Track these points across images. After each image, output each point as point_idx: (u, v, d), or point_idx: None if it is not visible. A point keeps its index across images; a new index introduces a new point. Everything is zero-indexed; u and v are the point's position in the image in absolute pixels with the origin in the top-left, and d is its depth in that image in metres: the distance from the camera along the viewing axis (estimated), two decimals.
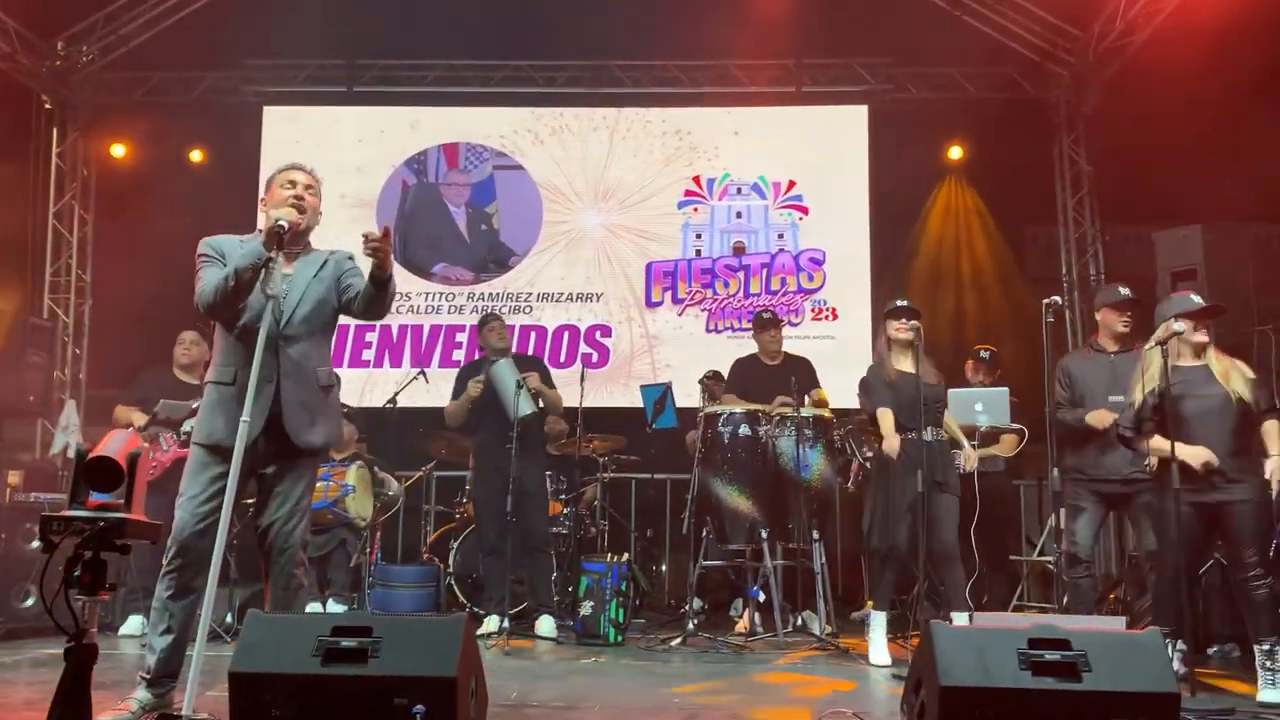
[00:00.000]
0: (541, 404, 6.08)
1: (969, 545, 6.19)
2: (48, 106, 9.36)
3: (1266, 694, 4.21)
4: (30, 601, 5.80)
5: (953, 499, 5.25)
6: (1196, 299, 4.66)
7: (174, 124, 9.61)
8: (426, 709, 2.82)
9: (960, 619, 5.03)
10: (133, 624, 5.78)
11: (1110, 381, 5.02)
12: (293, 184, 3.66)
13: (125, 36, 9.20)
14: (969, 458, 5.43)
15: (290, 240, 3.54)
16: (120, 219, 9.24)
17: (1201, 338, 4.54)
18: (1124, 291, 5.15)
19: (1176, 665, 4.30)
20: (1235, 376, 4.45)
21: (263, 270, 3.42)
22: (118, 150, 9.68)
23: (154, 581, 3.54)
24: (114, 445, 2.36)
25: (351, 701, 2.88)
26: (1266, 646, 4.28)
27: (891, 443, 5.17)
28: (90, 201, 9.63)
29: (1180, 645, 4.30)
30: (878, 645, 5.20)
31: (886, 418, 5.24)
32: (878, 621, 5.26)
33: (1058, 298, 4.96)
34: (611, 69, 9.50)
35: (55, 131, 9.41)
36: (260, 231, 3.56)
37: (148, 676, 3.40)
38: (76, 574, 2.26)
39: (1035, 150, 9.42)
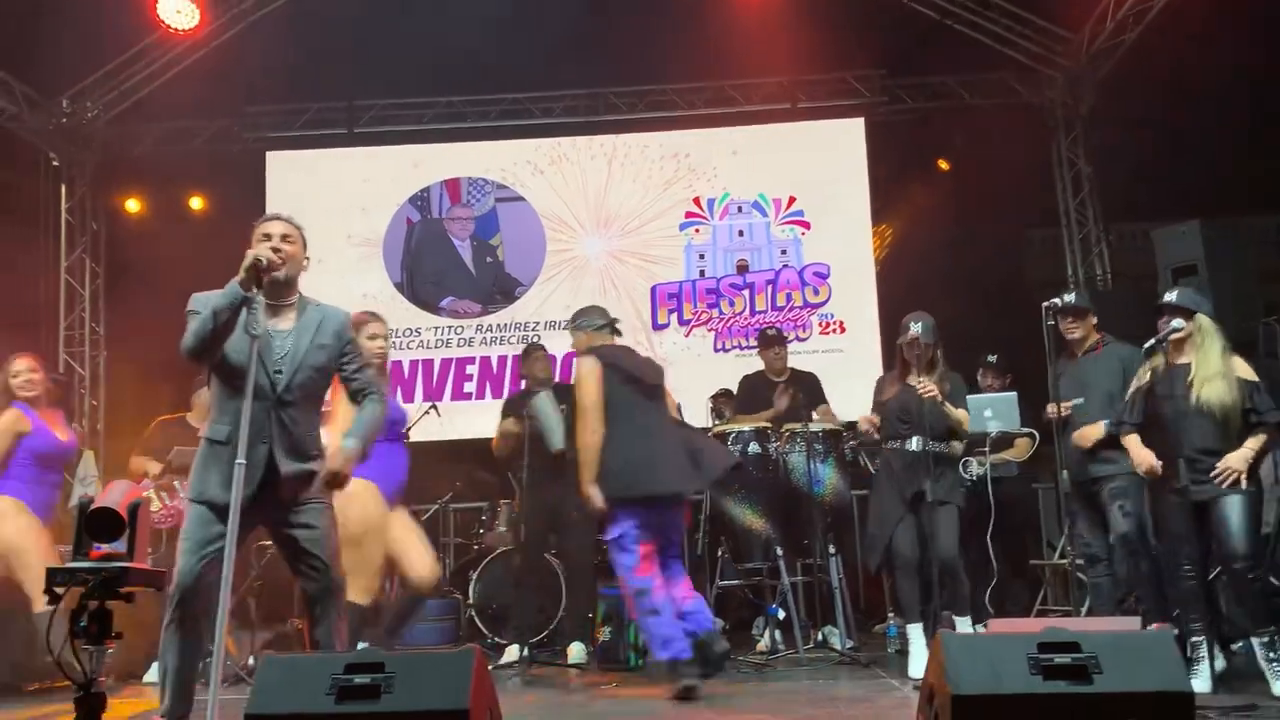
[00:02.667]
0: None
1: (986, 552, 6.19)
2: (55, 163, 9.50)
3: None
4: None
5: (948, 509, 5.15)
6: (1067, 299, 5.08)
7: (179, 174, 9.76)
8: None
9: (963, 626, 5.00)
10: (154, 673, 5.81)
11: (1075, 385, 5.11)
12: (268, 236, 3.61)
13: (127, 91, 9.35)
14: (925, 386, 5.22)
15: (273, 290, 3.54)
16: (130, 270, 9.36)
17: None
18: (1065, 299, 5.17)
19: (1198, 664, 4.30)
20: (1216, 382, 4.43)
21: (242, 310, 3.41)
22: (131, 205, 9.84)
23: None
24: (114, 496, 2.40)
25: None
26: (1266, 639, 4.26)
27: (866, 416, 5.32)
28: (100, 254, 9.75)
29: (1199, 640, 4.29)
30: (915, 658, 5.02)
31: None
32: (914, 634, 5.14)
33: (1058, 300, 4.95)
34: (607, 96, 9.58)
35: (64, 188, 9.55)
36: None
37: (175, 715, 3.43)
38: (83, 624, 2.30)
39: (1033, 154, 9.44)
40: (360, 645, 4.50)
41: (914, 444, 5.18)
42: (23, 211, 9.41)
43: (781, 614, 6.01)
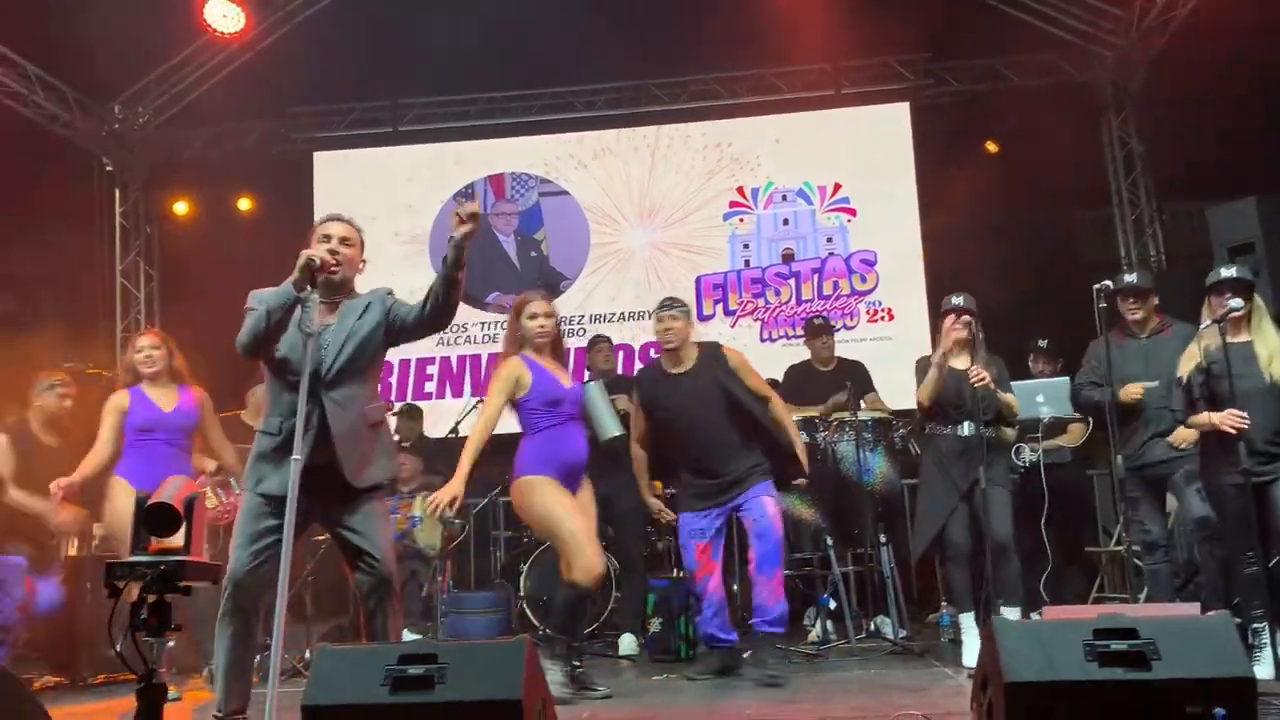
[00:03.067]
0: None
1: (1040, 540, 6.11)
2: (109, 168, 9.69)
3: None
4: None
5: (1000, 491, 5.08)
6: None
7: (229, 176, 9.90)
8: None
9: (1012, 614, 4.92)
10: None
11: (1142, 366, 4.98)
12: (328, 237, 3.68)
13: (177, 95, 9.52)
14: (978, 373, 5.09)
15: (328, 290, 3.60)
16: (183, 272, 9.52)
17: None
18: (1127, 279, 5.13)
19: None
20: None
21: (296, 308, 3.48)
22: (179, 207, 10.01)
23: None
24: (171, 490, 2.45)
25: None
26: None
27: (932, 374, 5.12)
28: (154, 256, 9.94)
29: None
30: (969, 647, 4.97)
31: (930, 381, 5.14)
32: (966, 623, 5.10)
33: (1109, 282, 4.86)
34: (649, 88, 9.57)
35: (117, 192, 9.74)
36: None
37: (219, 715, 3.49)
38: (143, 617, 2.35)
39: (1083, 134, 9.27)
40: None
41: (965, 429, 5.11)
42: (78, 216, 9.60)
43: (833, 604, 5.98)
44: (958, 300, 5.17)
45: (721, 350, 5.18)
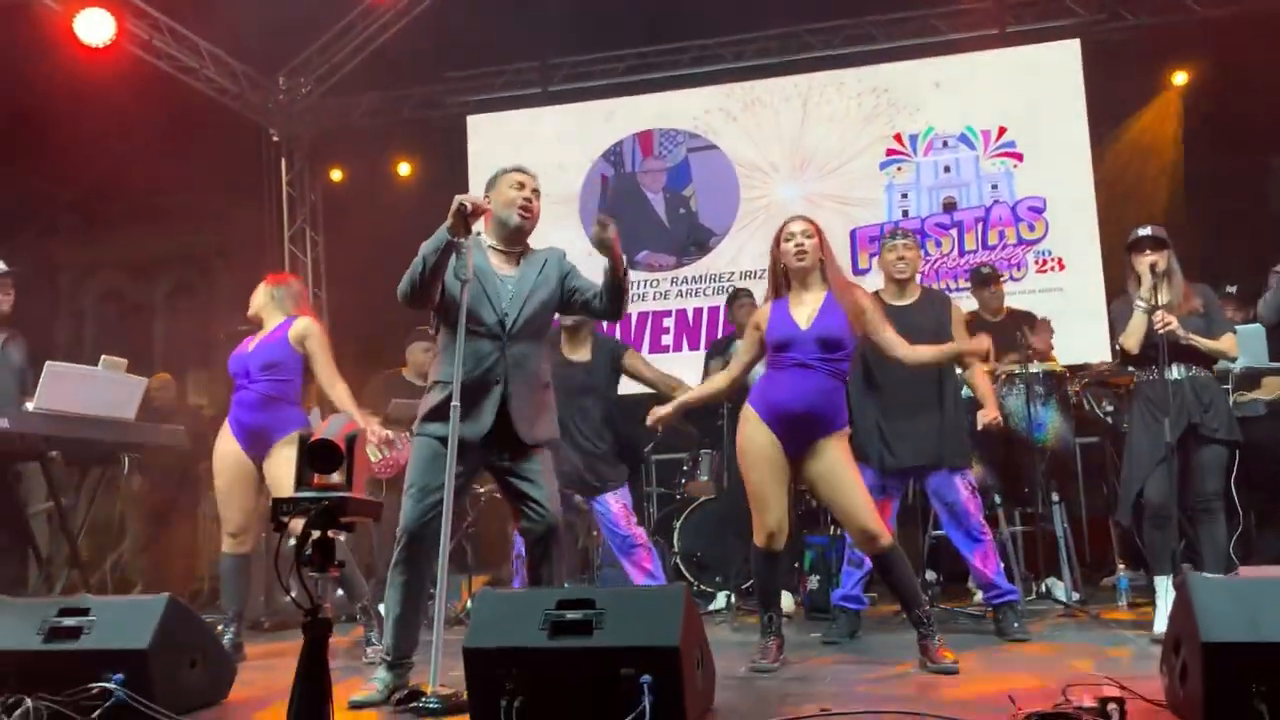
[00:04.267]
0: None
1: (1231, 499, 5.68)
2: (275, 139, 10.06)
3: None
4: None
5: (1215, 447, 4.65)
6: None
7: (388, 142, 10.16)
8: (653, 679, 2.81)
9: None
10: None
11: None
12: (521, 185, 3.75)
13: (337, 65, 9.78)
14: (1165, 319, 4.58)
15: (512, 239, 3.70)
16: (347, 238, 9.84)
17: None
18: None
19: None
20: None
21: (454, 254, 3.48)
22: (342, 174, 10.33)
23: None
24: (333, 428, 2.48)
25: (579, 672, 2.92)
26: None
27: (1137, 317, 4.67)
28: (319, 224, 10.30)
29: None
30: (1162, 613, 4.52)
31: (1135, 324, 4.70)
32: (1161, 587, 4.63)
33: None
34: (801, 34, 9.27)
35: (284, 161, 10.11)
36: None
37: (388, 659, 3.58)
38: (307, 553, 2.39)
39: (1277, 69, 8.52)
40: None
41: (1174, 372, 4.66)
42: (247, 188, 10.02)
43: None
44: (1145, 231, 4.77)
45: (948, 298, 5.03)
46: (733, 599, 5.88)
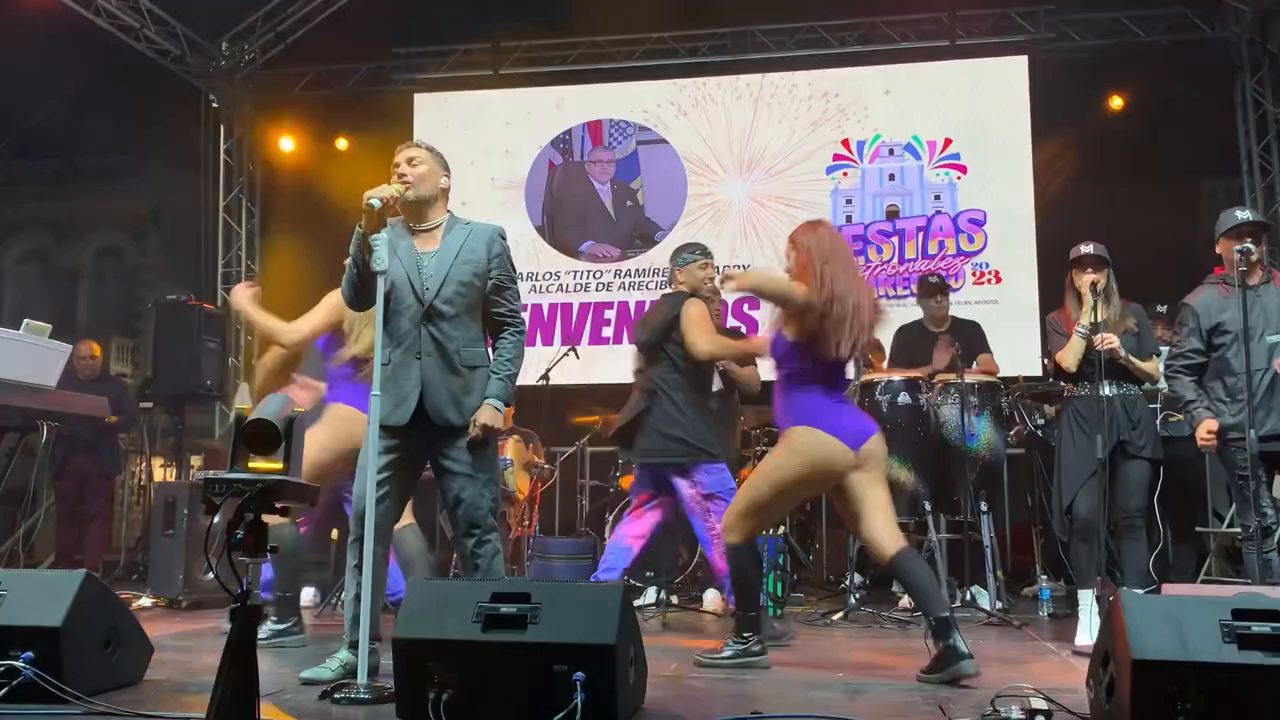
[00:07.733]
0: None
1: (1153, 515, 5.81)
2: (214, 105, 9.79)
3: None
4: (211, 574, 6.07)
5: (1139, 465, 4.71)
6: (1243, 214, 4.42)
7: (331, 116, 9.95)
8: (587, 676, 2.77)
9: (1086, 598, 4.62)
10: (306, 595, 5.98)
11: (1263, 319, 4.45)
12: (395, 165, 3.68)
13: (283, 33, 9.56)
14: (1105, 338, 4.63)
15: (415, 213, 3.64)
16: (283, 210, 9.63)
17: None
18: (1244, 213, 4.52)
19: None
20: None
21: (371, 250, 3.42)
22: (285, 144, 10.07)
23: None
24: (271, 408, 2.38)
25: (511, 667, 2.86)
26: None
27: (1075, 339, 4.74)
28: (256, 195, 10.05)
29: None
30: (1084, 625, 4.62)
31: (1075, 344, 4.76)
32: (1084, 599, 4.68)
33: (1249, 244, 4.48)
34: (755, 34, 9.30)
35: (222, 129, 9.84)
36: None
37: (351, 639, 3.50)
38: (239, 536, 2.30)
39: (1212, 95, 8.76)
40: None
41: (1107, 389, 4.72)
42: (184, 154, 9.76)
43: None
44: (1088, 249, 4.81)
45: None
46: (663, 593, 5.86)
